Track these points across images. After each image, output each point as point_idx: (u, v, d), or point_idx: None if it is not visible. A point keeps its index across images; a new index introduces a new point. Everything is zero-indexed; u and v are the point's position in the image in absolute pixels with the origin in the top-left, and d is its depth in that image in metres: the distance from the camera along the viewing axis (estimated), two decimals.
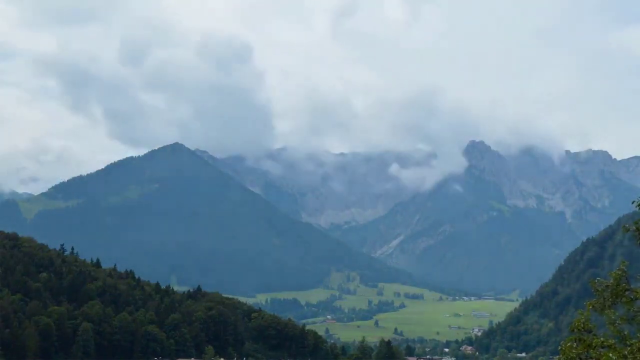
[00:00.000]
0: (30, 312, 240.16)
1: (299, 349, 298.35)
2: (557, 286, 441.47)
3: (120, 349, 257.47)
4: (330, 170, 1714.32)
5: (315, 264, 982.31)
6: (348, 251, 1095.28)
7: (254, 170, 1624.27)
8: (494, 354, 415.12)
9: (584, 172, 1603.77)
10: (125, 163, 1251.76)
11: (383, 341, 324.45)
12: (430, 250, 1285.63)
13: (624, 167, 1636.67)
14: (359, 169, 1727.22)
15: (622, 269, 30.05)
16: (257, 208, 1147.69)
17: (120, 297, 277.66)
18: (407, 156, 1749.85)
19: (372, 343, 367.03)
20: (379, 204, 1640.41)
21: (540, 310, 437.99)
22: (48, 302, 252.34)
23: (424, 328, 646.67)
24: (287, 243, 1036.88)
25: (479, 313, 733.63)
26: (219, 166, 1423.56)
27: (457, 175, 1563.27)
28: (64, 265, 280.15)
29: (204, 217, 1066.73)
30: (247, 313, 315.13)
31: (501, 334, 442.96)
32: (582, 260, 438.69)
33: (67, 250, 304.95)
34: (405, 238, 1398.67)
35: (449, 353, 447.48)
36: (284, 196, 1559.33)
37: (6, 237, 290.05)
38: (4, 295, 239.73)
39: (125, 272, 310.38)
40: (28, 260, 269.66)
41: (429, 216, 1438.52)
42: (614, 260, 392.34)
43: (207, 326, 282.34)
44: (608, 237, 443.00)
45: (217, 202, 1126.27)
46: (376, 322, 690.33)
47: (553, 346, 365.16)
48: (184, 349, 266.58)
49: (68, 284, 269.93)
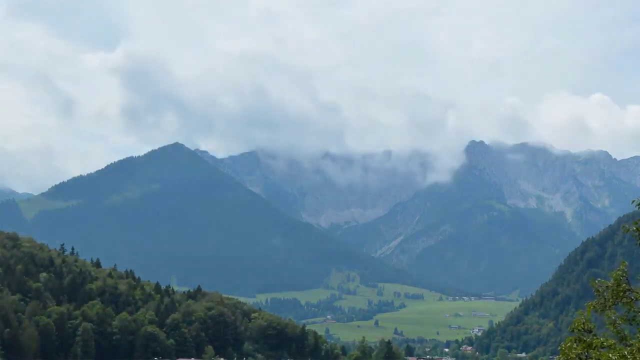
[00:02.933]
0: (30, 312, 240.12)
1: (299, 349, 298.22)
2: (557, 286, 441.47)
3: (120, 349, 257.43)
4: (330, 170, 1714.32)
5: (315, 264, 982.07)
6: (348, 251, 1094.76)
7: (254, 170, 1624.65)
8: (494, 354, 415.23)
9: (584, 172, 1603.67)
10: (125, 163, 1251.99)
11: (383, 341, 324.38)
12: (430, 250, 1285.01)
13: (624, 167, 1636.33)
14: (359, 169, 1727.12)
15: (622, 269, 30.02)
16: (257, 208, 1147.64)
17: (120, 297, 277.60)
18: (407, 156, 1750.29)
19: (372, 343, 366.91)
20: (379, 204, 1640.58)
21: (540, 310, 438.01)
22: (48, 302, 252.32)
23: (424, 328, 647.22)
24: (287, 243, 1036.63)
25: (479, 313, 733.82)
26: (219, 166, 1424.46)
27: (457, 175, 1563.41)
28: (64, 265, 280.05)
29: (203, 217, 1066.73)
30: (247, 313, 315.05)
31: (501, 334, 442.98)
32: (582, 260, 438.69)
33: (67, 250, 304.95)
34: (405, 238, 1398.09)
35: (449, 353, 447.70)
36: (284, 196, 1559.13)
37: (6, 237, 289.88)
38: (4, 295, 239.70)
39: (125, 272, 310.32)
40: (28, 260, 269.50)
41: (429, 216, 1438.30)
42: (614, 260, 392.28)
43: (207, 326, 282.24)
44: (608, 237, 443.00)
45: (217, 202, 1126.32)
46: (376, 322, 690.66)
47: (553, 346, 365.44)
48: (184, 349, 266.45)
49: (68, 284, 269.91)
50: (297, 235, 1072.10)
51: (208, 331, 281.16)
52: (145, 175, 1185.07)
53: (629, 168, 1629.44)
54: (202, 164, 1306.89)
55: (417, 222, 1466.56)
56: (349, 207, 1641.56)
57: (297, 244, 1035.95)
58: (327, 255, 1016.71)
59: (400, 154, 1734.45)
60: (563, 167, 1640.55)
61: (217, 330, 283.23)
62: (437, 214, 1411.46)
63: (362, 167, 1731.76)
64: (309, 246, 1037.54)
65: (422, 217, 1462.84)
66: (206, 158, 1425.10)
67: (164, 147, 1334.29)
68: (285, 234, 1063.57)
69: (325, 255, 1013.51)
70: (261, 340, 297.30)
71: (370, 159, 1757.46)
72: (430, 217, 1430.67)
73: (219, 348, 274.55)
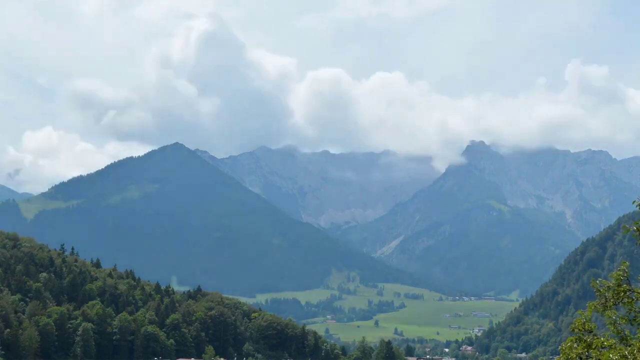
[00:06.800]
0: (30, 312, 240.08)
1: (299, 349, 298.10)
2: (557, 286, 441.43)
3: (120, 349, 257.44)
4: (330, 170, 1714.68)
5: (315, 264, 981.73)
6: (348, 251, 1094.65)
7: (254, 170, 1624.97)
8: (494, 354, 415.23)
9: (584, 172, 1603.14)
10: (125, 163, 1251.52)
11: (383, 341, 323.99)
12: (430, 250, 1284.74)
13: (624, 167, 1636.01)
14: (359, 169, 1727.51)
15: (622, 269, 30.01)
16: (257, 208, 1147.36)
17: (120, 297, 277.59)
18: (407, 156, 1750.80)
19: (372, 343, 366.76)
20: (379, 204, 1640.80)
21: (540, 310, 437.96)
22: (48, 302, 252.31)
23: (424, 328, 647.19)
24: (287, 243, 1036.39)
25: (479, 313, 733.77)
26: (219, 166, 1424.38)
27: (457, 175, 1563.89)
28: (64, 265, 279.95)
29: (203, 217, 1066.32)
30: (247, 313, 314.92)
31: (501, 334, 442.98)
32: (582, 260, 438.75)
33: (67, 250, 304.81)
34: (405, 238, 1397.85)
35: (449, 353, 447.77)
36: (284, 196, 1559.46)
37: (6, 237, 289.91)
38: (4, 295, 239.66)
39: (125, 272, 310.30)
40: (28, 260, 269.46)
41: (429, 216, 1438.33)
42: (614, 261, 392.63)
43: (207, 326, 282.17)
44: (608, 237, 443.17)
45: (216, 202, 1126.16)
46: (376, 322, 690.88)
47: (553, 346, 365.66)
48: (184, 349, 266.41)
49: (68, 284, 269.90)
50: (297, 235, 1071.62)
51: (208, 331, 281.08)
52: (145, 175, 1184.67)
53: (629, 168, 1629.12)
54: (202, 164, 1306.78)
55: (417, 222, 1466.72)
56: (349, 207, 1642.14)
57: (297, 244, 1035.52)
58: (327, 255, 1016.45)
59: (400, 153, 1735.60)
60: (563, 167, 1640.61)
61: (217, 330, 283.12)
62: (437, 214, 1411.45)
63: (362, 167, 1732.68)
64: (309, 246, 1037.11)
65: (422, 217, 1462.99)
66: (206, 158, 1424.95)
67: (164, 147, 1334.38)
68: (285, 234, 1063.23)
69: (325, 255, 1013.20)
70: (261, 340, 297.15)
71: (371, 159, 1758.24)
72: (430, 217, 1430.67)
73: (219, 348, 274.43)
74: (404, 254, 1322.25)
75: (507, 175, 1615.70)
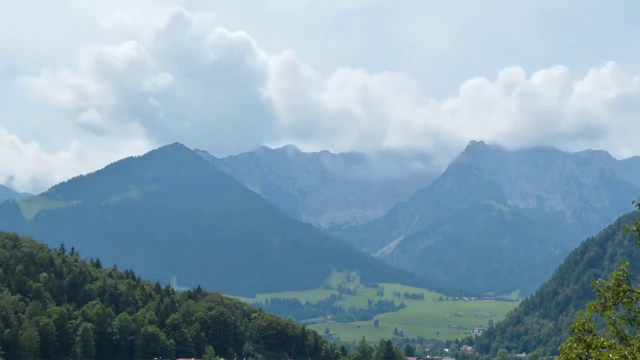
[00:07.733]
0: (30, 312, 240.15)
1: (299, 349, 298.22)
2: (557, 286, 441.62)
3: (120, 349, 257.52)
4: (330, 170, 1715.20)
5: (315, 264, 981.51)
6: (348, 251, 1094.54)
7: (254, 170, 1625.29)
8: (494, 354, 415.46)
9: (584, 172, 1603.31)
10: (125, 163, 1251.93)
11: (383, 341, 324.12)
12: (430, 250, 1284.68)
13: (624, 167, 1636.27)
14: (359, 169, 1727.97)
15: (622, 269, 30.01)
16: (257, 208, 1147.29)
17: (120, 297, 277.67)
18: (407, 156, 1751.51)
19: (372, 343, 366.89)
20: (379, 204, 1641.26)
21: (540, 310, 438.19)
22: (48, 302, 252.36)
23: (424, 328, 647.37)
24: (287, 243, 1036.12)
25: (479, 313, 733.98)
26: (219, 166, 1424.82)
27: (457, 175, 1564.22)
28: (64, 265, 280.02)
29: (203, 217, 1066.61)
30: (247, 313, 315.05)
31: (501, 334, 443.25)
32: (582, 260, 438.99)
33: (67, 250, 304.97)
34: (405, 238, 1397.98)
35: (449, 353, 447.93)
36: (284, 196, 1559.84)
37: (6, 237, 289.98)
38: (4, 295, 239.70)
39: (125, 272, 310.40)
40: (28, 260, 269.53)
41: (429, 216, 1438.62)
42: (614, 261, 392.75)
43: (207, 326, 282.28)
44: (608, 237, 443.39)
45: (216, 202, 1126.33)
46: (376, 322, 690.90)
47: (553, 346, 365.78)
48: (184, 349, 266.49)
49: (68, 284, 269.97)
50: (297, 235, 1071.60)
51: (208, 331, 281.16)
52: (145, 175, 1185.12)
53: (629, 168, 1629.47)
54: (202, 164, 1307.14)
55: (417, 222, 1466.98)
56: (349, 207, 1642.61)
57: (297, 244, 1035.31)
58: (327, 255, 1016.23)
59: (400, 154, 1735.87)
60: (563, 167, 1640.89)
61: (217, 330, 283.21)
62: (437, 214, 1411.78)
63: (362, 167, 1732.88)
64: (309, 246, 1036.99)
65: (422, 217, 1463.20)
66: (206, 158, 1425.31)
67: (164, 147, 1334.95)
68: (285, 234, 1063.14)
69: (325, 255, 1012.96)
70: (261, 340, 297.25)
71: (371, 159, 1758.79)
72: (430, 217, 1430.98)
73: (219, 348, 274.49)
74: (404, 254, 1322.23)
75: (507, 175, 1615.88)
